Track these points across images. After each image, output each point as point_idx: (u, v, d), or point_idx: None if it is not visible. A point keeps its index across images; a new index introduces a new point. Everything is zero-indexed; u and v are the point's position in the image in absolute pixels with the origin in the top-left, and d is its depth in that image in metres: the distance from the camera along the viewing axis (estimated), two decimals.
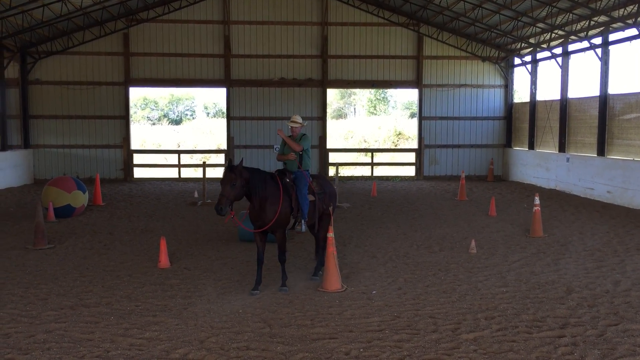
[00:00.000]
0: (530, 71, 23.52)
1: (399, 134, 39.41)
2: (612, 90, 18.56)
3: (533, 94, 23.44)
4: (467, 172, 24.57)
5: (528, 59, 23.58)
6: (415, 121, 29.25)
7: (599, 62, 18.64)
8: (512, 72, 25.00)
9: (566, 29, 19.61)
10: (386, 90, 45.90)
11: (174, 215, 15.77)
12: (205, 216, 15.36)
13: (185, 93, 51.16)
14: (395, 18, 24.31)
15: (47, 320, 7.35)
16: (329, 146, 25.50)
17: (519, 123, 24.75)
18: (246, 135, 24.46)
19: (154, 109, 52.77)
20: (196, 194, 19.12)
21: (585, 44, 19.42)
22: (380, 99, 50.15)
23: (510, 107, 25.06)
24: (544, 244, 11.85)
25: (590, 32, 18.89)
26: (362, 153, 33.22)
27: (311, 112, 24.56)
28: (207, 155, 30.87)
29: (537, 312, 7.59)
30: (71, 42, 23.36)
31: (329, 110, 33.15)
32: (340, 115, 50.55)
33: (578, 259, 10.56)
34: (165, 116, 52.19)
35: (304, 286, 8.89)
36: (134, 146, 25.96)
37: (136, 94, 46.39)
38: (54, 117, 23.81)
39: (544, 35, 21.24)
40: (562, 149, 21.10)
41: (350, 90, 45.78)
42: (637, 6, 16.28)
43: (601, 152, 18.72)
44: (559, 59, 21.12)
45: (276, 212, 8.34)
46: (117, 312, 7.68)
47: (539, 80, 23.42)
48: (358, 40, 24.57)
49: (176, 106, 53.54)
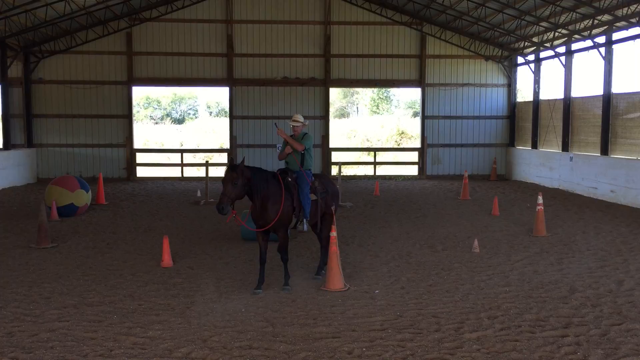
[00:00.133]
0: (533, 70, 23.48)
1: (402, 133, 39.38)
2: (615, 89, 18.52)
3: (536, 93, 23.40)
4: (470, 171, 24.52)
5: (531, 58, 23.54)
6: (418, 120, 29.23)
7: (603, 61, 18.60)
8: (515, 71, 24.95)
9: (569, 27, 19.58)
10: (389, 90, 45.87)
11: (176, 214, 15.79)
12: (208, 215, 15.37)
13: (188, 92, 51.23)
14: (398, 17, 24.29)
15: (51, 319, 7.37)
16: (331, 145, 25.49)
17: (522, 122, 24.71)
18: (249, 135, 24.47)
19: (157, 108, 52.85)
20: (199, 193, 19.13)
21: (588, 42, 19.38)
22: (383, 98, 50.12)
23: (513, 106, 25.02)
24: (547, 243, 11.83)
25: (594, 31, 18.85)
26: (364, 152, 33.18)
27: (314, 112, 24.56)
28: (210, 154, 30.82)
29: (540, 312, 7.58)
30: (74, 42, 23.39)
31: (332, 110, 33.14)
32: (343, 115, 50.54)
33: (581, 258, 10.54)
34: (168, 115, 52.26)
35: (306, 285, 8.89)
36: (136, 145, 25.98)
37: (139, 93, 46.45)
38: (57, 116, 23.86)
39: (548, 34, 21.20)
40: (565, 148, 21.06)
41: (353, 89, 45.77)
42: None
43: (605, 151, 18.68)
44: (563, 58, 21.08)
45: (278, 212, 8.34)
46: (120, 311, 7.69)
47: (542, 79, 23.38)
48: (361, 39, 24.56)
49: (179, 105, 53.60)
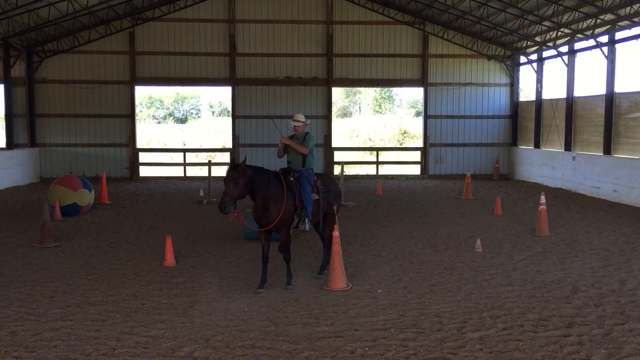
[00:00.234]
0: (536, 69, 23.45)
1: (404, 132, 39.37)
2: (618, 88, 18.49)
3: (539, 92, 23.37)
4: (473, 170, 24.50)
5: (534, 57, 23.51)
6: (420, 120, 29.22)
7: (606, 61, 18.57)
8: (517, 71, 24.93)
9: (572, 27, 19.55)
10: (391, 89, 45.87)
11: (179, 213, 15.80)
12: (210, 215, 15.39)
13: (191, 92, 51.30)
14: (400, 16, 24.28)
15: (54, 318, 7.38)
16: (334, 145, 25.50)
17: (524, 122, 24.68)
18: (251, 134, 24.49)
19: (160, 107, 52.92)
20: (202, 193, 19.16)
21: (591, 42, 19.35)
22: (385, 98, 50.12)
23: (516, 106, 25.00)
24: (549, 243, 11.82)
25: (597, 31, 18.81)
26: (367, 152, 33.14)
27: (316, 111, 24.57)
28: (213, 153, 30.86)
29: (543, 311, 7.57)
30: (77, 41, 23.43)
31: (334, 109, 33.08)
32: (345, 114, 50.55)
33: (584, 258, 10.53)
34: (170, 115, 52.33)
35: (309, 285, 8.90)
36: (139, 145, 26.02)
37: (142, 93, 46.53)
38: (60, 115, 23.90)
39: (550, 33, 21.17)
40: (568, 147, 21.03)
41: (356, 88, 45.76)
42: None
43: (607, 150, 18.65)
44: (565, 58, 21.05)
45: (280, 211, 8.34)
46: (123, 310, 7.71)
47: (545, 78, 23.35)
48: (363, 38, 24.55)
49: (181, 105, 53.68)
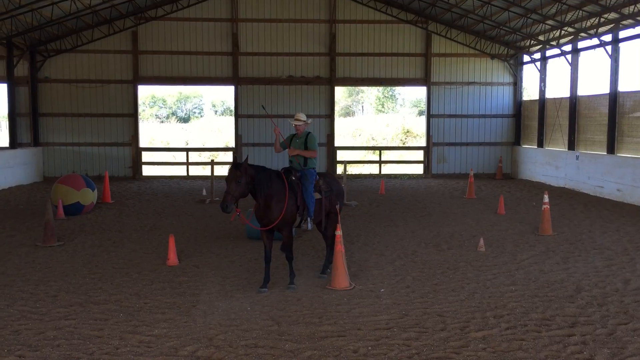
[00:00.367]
0: (539, 69, 23.40)
1: (407, 131, 39.32)
2: (622, 87, 18.44)
3: (542, 91, 23.32)
4: (476, 170, 24.47)
5: (537, 56, 23.46)
6: (423, 119, 29.17)
7: (609, 60, 18.52)
8: (521, 70, 24.87)
9: (576, 26, 19.50)
10: (394, 88, 45.80)
11: (182, 213, 15.81)
12: (213, 214, 15.39)
13: (194, 91, 51.32)
14: (403, 15, 24.24)
15: (57, 317, 7.39)
16: (336, 144, 25.49)
17: (528, 121, 24.64)
18: (254, 133, 24.49)
19: (163, 106, 52.98)
20: (204, 192, 19.16)
21: (595, 41, 19.30)
22: (388, 97, 50.08)
23: (519, 105, 24.95)
24: (553, 242, 11.80)
25: (600, 29, 18.76)
26: (370, 151, 33.17)
27: (319, 110, 24.56)
28: (215, 153, 30.87)
29: (546, 311, 7.56)
30: (80, 41, 23.45)
31: (337, 108, 33.06)
32: (348, 113, 50.54)
33: (587, 257, 10.51)
34: (173, 114, 52.38)
35: (312, 284, 8.89)
36: (142, 144, 26.03)
37: (144, 92, 46.56)
38: (63, 115, 23.93)
39: (554, 32, 21.12)
40: (571, 146, 20.99)
41: (358, 88, 45.73)
42: None
43: (611, 150, 18.60)
44: (569, 57, 21.00)
45: (282, 210, 8.34)
46: (126, 310, 7.71)
47: (548, 77, 23.30)
48: (366, 37, 24.53)
49: (184, 104, 53.73)
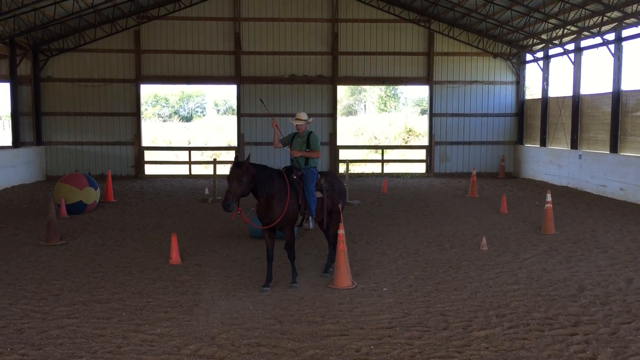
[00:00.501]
0: (542, 67, 23.36)
1: (410, 130, 39.31)
2: (625, 86, 18.41)
3: (545, 90, 23.28)
4: (478, 169, 24.45)
5: (540, 55, 23.42)
6: (425, 118, 29.17)
7: (612, 58, 18.48)
8: (523, 69, 24.84)
9: (579, 24, 19.46)
10: (396, 87, 45.80)
11: (184, 212, 15.83)
12: (215, 213, 15.40)
13: (196, 90, 51.37)
14: (405, 14, 24.22)
15: (60, 316, 7.41)
16: (339, 143, 25.48)
17: (530, 120, 24.60)
18: (256, 132, 24.49)
19: (165, 106, 53.03)
20: (207, 191, 19.18)
21: (598, 39, 19.26)
22: (390, 96, 50.07)
23: (521, 104, 24.91)
24: (555, 241, 11.78)
25: (603, 28, 18.73)
26: (372, 150, 33.15)
27: (321, 109, 24.55)
28: (218, 152, 30.90)
29: (549, 310, 7.55)
30: (83, 40, 23.49)
31: (339, 107, 33.12)
32: (350, 112, 50.54)
33: (590, 256, 10.49)
34: (176, 113, 52.43)
35: (314, 283, 8.89)
36: (145, 143, 26.05)
37: (147, 91, 46.64)
38: (65, 114, 23.97)
39: (556, 31, 21.08)
40: (574, 145, 20.95)
41: (361, 86, 45.72)
42: None
43: (614, 148, 18.57)
44: (572, 55, 20.96)
45: (283, 209, 8.34)
46: (128, 308, 7.72)
47: (551, 76, 23.26)
48: (368, 36, 24.51)
49: (187, 103, 53.77)
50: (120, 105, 24.13)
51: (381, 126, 40.85)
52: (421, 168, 25.78)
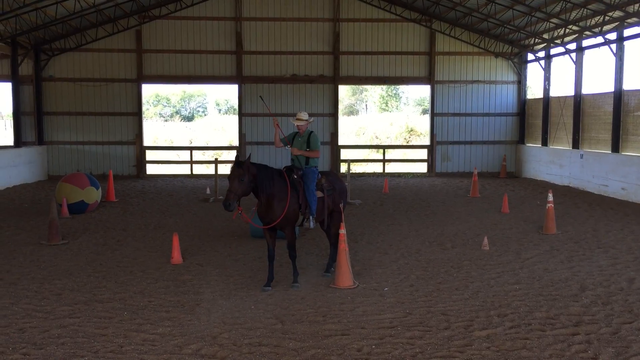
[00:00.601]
0: (543, 67, 23.34)
1: (411, 130, 39.32)
2: (627, 85, 18.39)
3: (546, 90, 23.26)
4: (480, 168, 24.43)
5: (542, 54, 23.40)
6: (427, 117, 29.16)
7: (614, 58, 18.46)
8: (525, 68, 24.82)
9: (580, 24, 19.44)
10: (398, 87, 45.78)
11: (186, 211, 15.84)
12: (217, 212, 15.41)
13: (197, 90, 51.42)
14: (407, 14, 24.21)
15: (62, 316, 7.41)
16: (340, 143, 25.47)
17: (532, 119, 24.58)
18: (258, 132, 24.50)
19: (166, 105, 53.08)
20: (208, 191, 19.19)
21: (599, 39, 19.24)
22: (392, 96, 50.09)
23: (523, 103, 24.90)
24: (557, 241, 11.77)
25: (605, 28, 18.71)
26: (373, 150, 33.15)
27: (323, 109, 24.56)
28: (219, 151, 30.93)
29: (550, 310, 7.54)
30: (84, 39, 23.50)
31: (341, 107, 33.06)
32: (351, 112, 50.56)
33: (592, 256, 10.48)
34: (177, 113, 52.47)
35: (315, 283, 8.89)
36: (146, 143, 26.09)
37: (148, 91, 46.67)
38: (67, 113, 23.99)
39: (558, 30, 21.06)
40: (575, 145, 20.94)
41: (362, 86, 45.72)
42: None
43: (615, 148, 18.55)
44: (573, 55, 20.94)
45: (284, 209, 8.35)
46: (130, 308, 7.73)
47: (552, 76, 23.24)
48: (370, 36, 24.51)
49: (188, 103, 53.82)
50: (122, 105, 24.15)
51: (382, 126, 40.87)
52: (422, 168, 25.77)
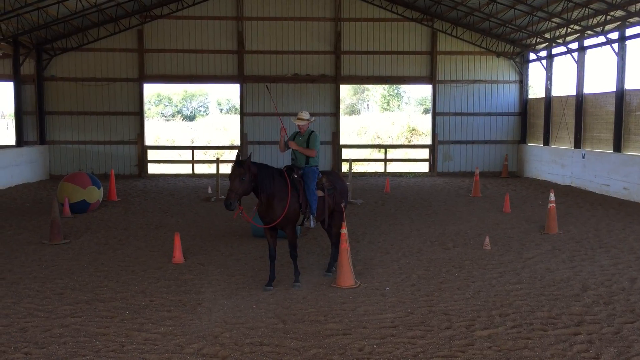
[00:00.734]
0: (545, 66, 23.32)
1: (413, 130, 39.29)
2: (628, 85, 18.36)
3: (548, 89, 23.24)
4: (482, 168, 24.42)
5: (543, 54, 23.38)
6: (428, 117, 29.15)
7: (616, 57, 18.43)
8: (527, 68, 24.80)
9: (582, 23, 19.41)
10: (399, 86, 45.75)
11: (187, 211, 15.85)
12: (218, 212, 15.41)
13: (199, 89, 51.40)
14: (409, 13, 24.20)
15: (63, 315, 7.42)
16: (342, 142, 25.48)
17: (533, 119, 24.56)
18: (259, 132, 24.50)
19: (168, 105, 53.10)
20: (210, 190, 19.20)
21: (601, 38, 19.21)
22: (393, 95, 50.04)
23: (525, 103, 24.88)
24: (559, 240, 11.76)
25: (607, 27, 18.68)
26: (375, 149, 33.14)
27: (324, 108, 24.55)
28: (221, 151, 30.94)
29: (552, 310, 7.53)
30: (86, 39, 23.52)
31: (342, 106, 33.06)
32: (353, 111, 50.52)
33: (594, 256, 10.47)
34: (179, 112, 52.49)
35: (317, 282, 8.89)
36: (148, 142, 26.10)
37: (150, 90, 46.68)
38: (69, 113, 24.01)
39: (560, 30, 21.04)
40: (577, 145, 20.91)
41: (364, 86, 45.68)
42: None
43: (617, 148, 18.52)
44: (575, 54, 20.91)
45: (284, 208, 8.35)
46: (132, 307, 7.74)
47: (554, 75, 23.22)
48: (371, 35, 24.49)
49: (190, 102, 53.82)
50: (124, 105, 24.16)
51: (384, 125, 40.83)
52: (424, 167, 25.76)
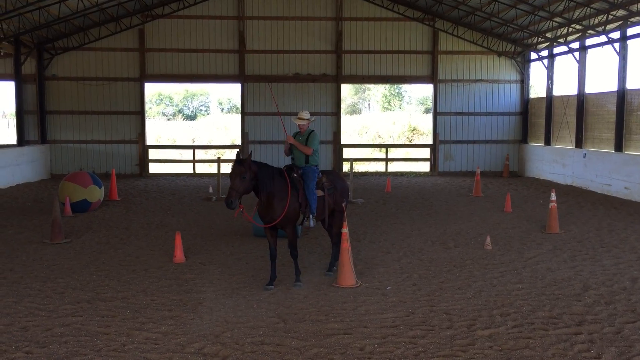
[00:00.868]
0: (546, 66, 23.30)
1: (414, 129, 39.28)
2: (630, 85, 18.34)
3: (549, 89, 23.22)
4: (483, 168, 24.41)
5: (545, 53, 23.36)
6: (429, 116, 29.13)
7: (617, 57, 18.41)
8: (528, 67, 24.78)
9: (583, 23, 19.39)
10: (401, 86, 45.73)
11: (189, 210, 15.85)
12: (219, 211, 15.42)
13: (200, 89, 51.44)
14: (410, 13, 24.18)
15: (64, 314, 7.43)
16: (343, 142, 25.48)
17: (535, 118, 24.54)
18: (260, 131, 24.51)
19: (169, 104, 53.13)
20: (211, 189, 19.21)
21: (603, 38, 19.18)
22: (394, 95, 50.05)
23: (526, 103, 24.86)
24: (560, 240, 11.75)
25: (608, 27, 18.66)
26: (376, 149, 33.14)
27: (325, 108, 24.55)
28: (222, 150, 30.96)
29: (553, 309, 7.53)
30: (87, 38, 23.53)
31: (343, 106, 33.08)
32: (354, 111, 50.53)
33: (595, 255, 10.46)
34: (180, 112, 52.51)
35: (318, 282, 8.89)
36: (149, 142, 26.11)
37: (151, 90, 46.71)
38: (70, 112, 24.03)
39: (561, 29, 21.02)
40: (579, 144, 20.90)
41: (365, 85, 45.68)
42: None
43: (619, 147, 18.50)
44: (576, 54, 20.90)
45: (284, 208, 8.35)
46: (133, 306, 7.74)
47: (555, 75, 23.20)
48: (373, 35, 24.49)
49: (191, 102, 53.85)
50: (125, 104, 24.17)
51: (385, 125, 40.82)
52: (425, 167, 25.75)
